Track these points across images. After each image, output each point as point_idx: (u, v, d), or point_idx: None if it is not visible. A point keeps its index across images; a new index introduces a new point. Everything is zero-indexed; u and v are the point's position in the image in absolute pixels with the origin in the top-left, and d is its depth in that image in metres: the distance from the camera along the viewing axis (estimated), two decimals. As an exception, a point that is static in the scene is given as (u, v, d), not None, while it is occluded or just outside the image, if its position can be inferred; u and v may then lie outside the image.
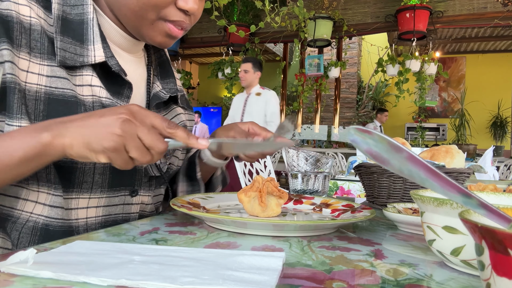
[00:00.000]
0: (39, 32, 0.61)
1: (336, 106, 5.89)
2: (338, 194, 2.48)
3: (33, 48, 0.60)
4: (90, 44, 0.65)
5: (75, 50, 0.64)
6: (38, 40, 0.61)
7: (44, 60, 0.61)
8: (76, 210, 0.65)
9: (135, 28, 0.69)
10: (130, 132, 0.51)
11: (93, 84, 0.65)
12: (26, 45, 0.60)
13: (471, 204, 0.27)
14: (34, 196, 0.61)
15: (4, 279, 0.34)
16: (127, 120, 0.51)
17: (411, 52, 4.66)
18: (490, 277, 0.25)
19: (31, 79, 0.60)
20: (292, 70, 7.55)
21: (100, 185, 0.66)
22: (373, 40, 6.53)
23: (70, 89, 0.62)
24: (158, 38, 0.70)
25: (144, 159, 0.52)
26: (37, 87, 0.60)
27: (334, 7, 5.05)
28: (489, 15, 4.52)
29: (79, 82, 0.64)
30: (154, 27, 0.68)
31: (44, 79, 0.61)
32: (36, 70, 0.60)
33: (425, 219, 0.45)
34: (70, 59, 0.63)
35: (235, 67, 5.36)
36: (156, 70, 0.81)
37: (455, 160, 0.89)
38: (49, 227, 0.62)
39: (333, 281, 0.38)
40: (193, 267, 0.38)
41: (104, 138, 0.50)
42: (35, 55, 0.61)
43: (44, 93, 0.60)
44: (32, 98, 0.59)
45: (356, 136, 0.28)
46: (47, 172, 0.61)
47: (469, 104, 7.68)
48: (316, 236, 0.58)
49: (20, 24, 0.59)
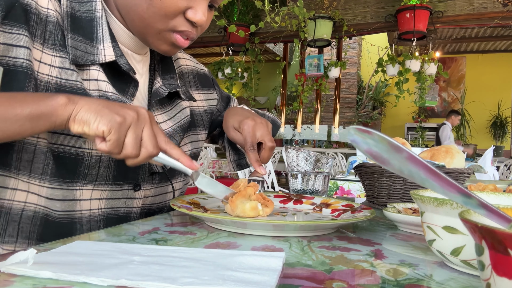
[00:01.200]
0: (54, 24, 0.63)
1: (336, 106, 5.89)
2: (338, 194, 2.48)
3: (46, 40, 0.62)
4: (100, 42, 0.66)
5: (85, 49, 0.65)
6: (52, 32, 0.63)
7: (57, 51, 0.63)
8: (81, 202, 0.65)
9: (141, 34, 0.70)
10: (140, 121, 0.54)
11: (100, 78, 0.66)
12: (40, 36, 0.61)
13: (471, 204, 0.27)
14: (24, 186, 0.62)
15: (4, 279, 0.34)
16: (144, 112, 0.55)
17: (411, 52, 4.66)
18: (490, 277, 0.25)
19: (43, 69, 0.61)
20: (292, 70, 7.55)
21: (104, 178, 0.67)
22: (373, 40, 6.53)
23: (79, 81, 0.64)
24: (163, 47, 0.70)
25: (132, 150, 0.54)
26: (48, 77, 0.62)
27: (334, 7, 5.04)
28: (489, 15, 4.51)
29: (86, 77, 0.66)
30: (160, 36, 0.68)
31: (56, 70, 0.62)
32: (48, 61, 0.62)
33: (425, 219, 0.45)
34: (81, 58, 0.64)
35: (235, 67, 5.36)
36: (158, 65, 0.82)
37: (455, 160, 0.89)
38: (49, 217, 0.63)
39: (333, 281, 0.38)
40: (193, 268, 0.38)
41: (116, 113, 0.53)
42: (48, 46, 0.62)
43: (55, 84, 0.62)
44: (43, 88, 0.61)
45: (356, 136, 0.28)
46: (45, 163, 0.62)
47: (469, 104, 7.68)
48: (316, 236, 0.58)
49: (38, 15, 0.61)
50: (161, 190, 0.79)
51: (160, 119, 0.77)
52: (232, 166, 1.00)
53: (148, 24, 0.66)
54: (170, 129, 0.78)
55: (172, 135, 0.78)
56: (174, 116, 0.80)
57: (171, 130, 0.78)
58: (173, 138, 0.78)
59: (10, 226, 0.63)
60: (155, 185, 0.77)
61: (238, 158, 0.99)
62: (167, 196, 0.82)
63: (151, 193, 0.76)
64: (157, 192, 0.78)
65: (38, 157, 0.61)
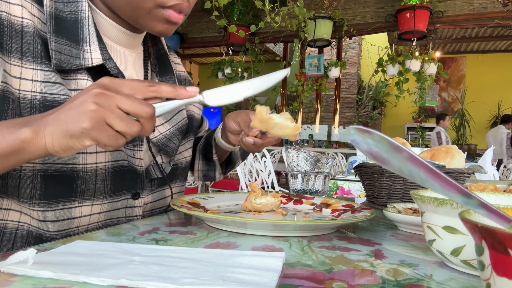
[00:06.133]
0: (31, 34, 0.58)
1: (336, 106, 5.89)
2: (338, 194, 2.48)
3: (25, 52, 0.57)
4: (86, 45, 0.62)
5: (70, 52, 0.61)
6: (30, 43, 0.58)
7: (38, 64, 0.58)
8: (79, 219, 0.63)
9: (132, 19, 0.66)
10: (106, 104, 0.45)
11: None
12: (17, 50, 0.57)
13: (471, 204, 0.27)
14: (16, 207, 0.60)
15: (4, 279, 0.34)
16: (99, 93, 0.46)
17: (411, 52, 4.66)
18: (490, 277, 0.25)
19: (25, 86, 0.57)
20: (292, 70, 7.54)
21: (102, 191, 0.65)
22: (373, 40, 6.53)
23: (65, 94, 0.60)
24: (158, 27, 0.66)
25: (132, 129, 0.47)
26: (32, 94, 0.57)
27: (334, 7, 5.05)
28: (489, 15, 4.51)
29: (74, 87, 0.62)
30: (152, 16, 0.64)
31: (39, 85, 0.58)
32: (29, 75, 0.57)
33: (425, 219, 0.45)
34: (66, 62, 0.60)
35: (235, 67, 5.36)
36: (154, 65, 0.79)
37: (455, 160, 0.89)
38: (42, 237, 0.62)
39: (333, 281, 0.38)
40: (193, 268, 0.38)
41: (80, 118, 0.45)
42: (28, 60, 0.58)
43: (40, 100, 0.58)
44: (27, 106, 0.57)
45: (356, 136, 0.28)
46: (32, 187, 0.59)
47: (469, 104, 7.68)
48: (316, 236, 0.58)
49: (11, 27, 0.56)
50: (159, 195, 0.78)
51: (158, 121, 0.75)
52: (198, 175, 0.98)
53: (135, 5, 0.63)
54: (167, 132, 0.76)
55: (170, 138, 0.76)
56: (172, 118, 0.78)
57: (169, 133, 0.76)
58: (171, 141, 0.76)
59: (4, 245, 0.61)
60: (154, 191, 0.76)
61: (207, 169, 0.97)
62: (166, 201, 0.81)
63: (149, 199, 0.75)
64: (156, 197, 0.77)
65: (24, 182, 0.58)
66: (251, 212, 0.70)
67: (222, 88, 0.57)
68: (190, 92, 0.52)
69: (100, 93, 0.46)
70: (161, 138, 0.75)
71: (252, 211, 0.70)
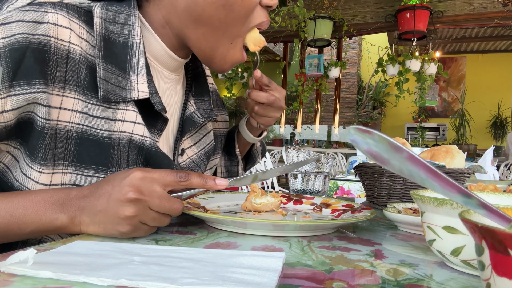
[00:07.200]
0: (76, 62, 0.56)
1: (336, 106, 5.89)
2: (338, 194, 2.48)
3: (68, 80, 0.56)
4: (134, 75, 0.60)
5: (117, 81, 0.59)
6: (74, 71, 0.56)
7: (80, 94, 0.57)
8: None
9: (209, 51, 0.64)
10: (141, 210, 0.49)
11: (138, 121, 0.61)
12: (60, 78, 0.55)
13: (471, 204, 0.27)
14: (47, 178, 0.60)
15: (4, 279, 0.34)
16: (134, 200, 0.48)
17: (411, 52, 4.66)
18: (490, 277, 0.25)
19: (63, 116, 0.56)
20: (292, 70, 7.54)
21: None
22: (373, 40, 6.53)
23: (104, 129, 0.59)
24: (236, 56, 0.66)
25: (164, 223, 0.52)
26: (69, 125, 0.57)
27: (334, 7, 5.04)
28: (489, 15, 4.51)
29: (121, 117, 0.60)
30: (234, 44, 0.64)
31: (78, 116, 0.57)
32: (69, 105, 0.56)
33: (425, 219, 0.45)
34: (112, 93, 0.58)
35: (235, 67, 5.36)
36: (190, 85, 0.77)
37: (455, 160, 0.89)
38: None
39: (333, 281, 0.38)
40: (193, 268, 0.38)
41: (119, 224, 0.49)
42: (70, 88, 0.56)
43: (76, 131, 0.57)
44: (63, 138, 0.56)
45: (356, 136, 0.28)
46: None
47: (469, 104, 7.67)
48: (316, 236, 0.58)
49: (57, 54, 0.54)
50: None
51: (186, 144, 0.75)
52: (221, 171, 0.98)
53: (223, 33, 0.62)
54: (195, 156, 0.76)
55: (197, 163, 0.75)
56: (200, 141, 0.78)
57: (197, 158, 0.76)
58: (198, 167, 0.76)
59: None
60: None
61: (229, 164, 0.97)
62: None
63: None
64: None
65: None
66: (251, 212, 0.70)
67: (243, 176, 0.61)
68: (219, 185, 0.54)
69: (135, 199, 0.48)
70: (189, 163, 0.75)
71: (252, 211, 0.70)
